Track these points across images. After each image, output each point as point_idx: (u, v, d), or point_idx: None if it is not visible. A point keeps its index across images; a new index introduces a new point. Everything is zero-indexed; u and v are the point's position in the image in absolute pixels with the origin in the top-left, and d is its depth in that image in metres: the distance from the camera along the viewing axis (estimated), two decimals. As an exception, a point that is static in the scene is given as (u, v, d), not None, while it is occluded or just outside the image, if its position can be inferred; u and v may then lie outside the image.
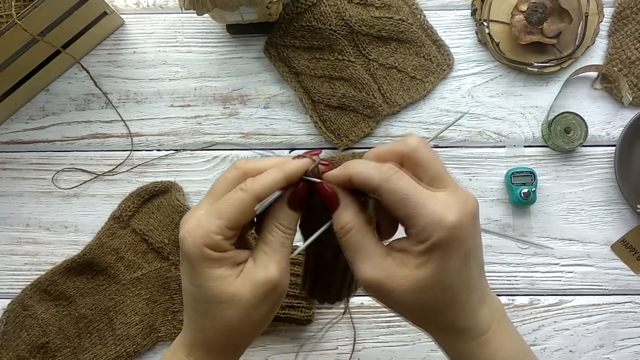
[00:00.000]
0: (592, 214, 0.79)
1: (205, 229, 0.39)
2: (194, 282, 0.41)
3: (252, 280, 0.40)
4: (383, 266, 0.39)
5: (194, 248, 0.39)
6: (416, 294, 0.38)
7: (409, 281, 0.38)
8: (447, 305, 0.40)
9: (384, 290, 0.39)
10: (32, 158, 0.82)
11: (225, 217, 0.39)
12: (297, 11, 0.79)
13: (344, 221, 0.40)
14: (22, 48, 0.74)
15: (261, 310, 0.41)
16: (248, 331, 0.43)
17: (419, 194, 0.37)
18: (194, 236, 0.39)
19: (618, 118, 0.80)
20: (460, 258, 0.38)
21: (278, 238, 0.42)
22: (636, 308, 0.77)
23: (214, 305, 0.41)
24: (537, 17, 0.78)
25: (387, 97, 0.81)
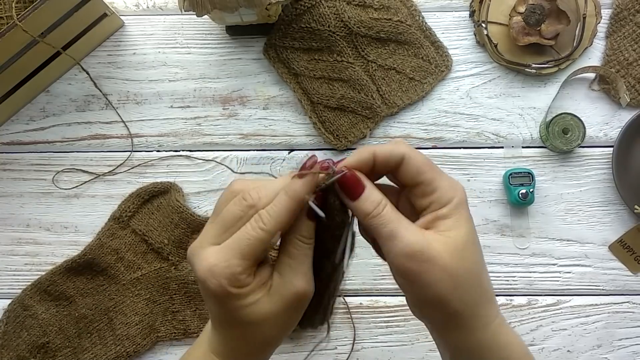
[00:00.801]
0: (590, 215, 0.79)
1: (229, 270, 0.39)
2: (225, 313, 0.42)
3: (283, 296, 0.41)
4: (421, 236, 0.40)
5: (221, 289, 0.40)
6: (456, 255, 0.40)
7: (450, 244, 0.40)
8: (482, 269, 0.42)
9: (426, 258, 0.39)
10: (32, 159, 0.83)
11: (248, 257, 0.40)
12: (296, 13, 0.80)
13: (377, 199, 0.41)
14: (23, 49, 0.75)
15: (293, 319, 0.43)
16: (281, 338, 0.44)
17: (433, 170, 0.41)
18: (218, 277, 0.39)
19: (616, 119, 0.80)
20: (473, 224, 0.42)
21: (302, 250, 0.42)
22: (634, 308, 0.77)
23: (251, 327, 0.42)
24: (535, 19, 0.78)
25: (386, 98, 0.81)
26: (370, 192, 0.41)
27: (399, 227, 0.40)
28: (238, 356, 0.44)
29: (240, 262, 0.40)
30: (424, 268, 0.39)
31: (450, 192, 0.41)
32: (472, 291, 0.41)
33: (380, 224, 0.40)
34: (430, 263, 0.39)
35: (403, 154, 0.41)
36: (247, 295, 0.41)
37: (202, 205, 0.81)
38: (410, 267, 0.39)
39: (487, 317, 0.42)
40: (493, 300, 0.43)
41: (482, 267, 0.42)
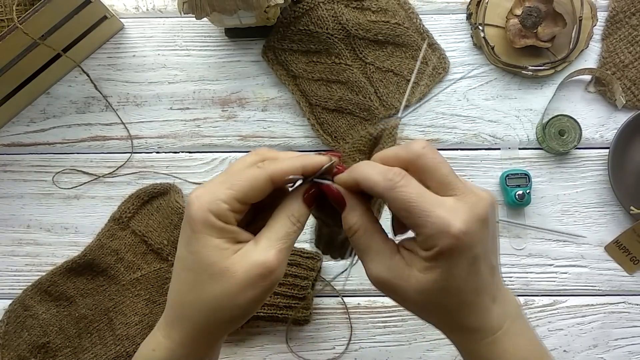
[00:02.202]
0: (586, 216, 0.80)
1: (214, 195, 0.39)
2: (190, 249, 0.40)
3: (249, 260, 0.39)
4: (391, 265, 0.40)
5: (199, 211, 0.39)
6: (423, 295, 0.39)
7: (416, 282, 0.39)
8: (455, 307, 0.40)
9: (391, 289, 0.40)
10: (33, 160, 0.83)
11: (235, 189, 0.39)
12: (294, 15, 0.80)
13: (351, 222, 0.41)
14: (23, 52, 0.75)
15: (249, 294, 0.40)
16: (229, 315, 0.41)
17: (425, 202, 0.37)
18: (201, 200, 0.39)
19: (611, 121, 0.81)
20: (469, 263, 0.38)
21: (285, 227, 0.41)
22: (629, 308, 0.78)
23: (204, 276, 0.40)
24: (532, 21, 0.79)
25: (384, 100, 0.82)
26: (346, 214, 0.41)
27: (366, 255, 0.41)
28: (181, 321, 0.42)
29: (226, 191, 0.39)
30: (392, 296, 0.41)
31: (433, 240, 0.37)
32: (452, 318, 0.41)
33: (355, 244, 0.41)
34: (397, 295, 0.40)
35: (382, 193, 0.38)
36: (219, 233, 0.39)
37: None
38: (381, 287, 0.41)
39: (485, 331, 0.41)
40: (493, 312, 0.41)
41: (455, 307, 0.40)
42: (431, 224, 0.36)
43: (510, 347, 0.42)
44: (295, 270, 0.76)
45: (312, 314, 0.78)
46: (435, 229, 0.36)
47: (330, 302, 0.79)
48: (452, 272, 0.38)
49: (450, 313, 0.40)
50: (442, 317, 0.41)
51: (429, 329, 0.78)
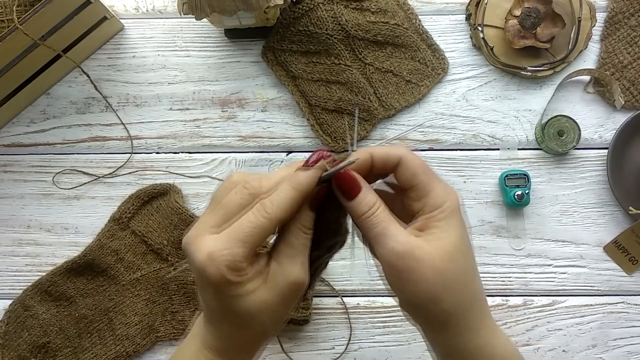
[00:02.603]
0: (585, 216, 0.80)
1: (230, 257, 0.39)
2: (222, 304, 0.41)
3: (280, 285, 0.41)
4: (411, 238, 0.41)
5: (220, 276, 0.39)
6: (445, 261, 0.40)
7: (440, 247, 0.40)
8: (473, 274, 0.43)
9: (415, 258, 0.40)
10: (33, 161, 0.83)
11: (249, 245, 0.39)
12: (294, 16, 0.81)
13: (371, 201, 0.42)
14: (24, 52, 0.75)
15: (288, 308, 0.42)
16: (276, 328, 0.44)
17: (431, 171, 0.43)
18: (217, 264, 0.39)
19: (610, 121, 0.81)
20: (465, 229, 0.42)
21: (302, 240, 0.42)
22: (628, 308, 0.78)
23: (247, 318, 0.41)
24: (531, 22, 0.79)
25: (383, 100, 0.82)
26: (365, 194, 0.42)
27: (390, 227, 0.41)
28: (233, 349, 0.44)
29: (241, 250, 0.39)
30: (413, 267, 0.40)
31: (443, 197, 0.42)
32: (462, 293, 0.42)
33: (373, 224, 0.41)
34: (420, 262, 0.40)
35: (400, 156, 0.42)
36: (246, 283, 0.40)
37: (201, 206, 0.82)
38: (401, 264, 0.40)
39: (478, 322, 0.43)
40: (485, 308, 0.44)
41: (473, 272, 0.43)
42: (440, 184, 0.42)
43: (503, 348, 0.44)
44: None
45: (312, 314, 0.78)
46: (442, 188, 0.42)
47: (330, 302, 0.79)
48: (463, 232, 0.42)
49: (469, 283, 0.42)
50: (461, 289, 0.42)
51: (428, 329, 0.78)
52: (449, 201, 0.42)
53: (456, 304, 0.42)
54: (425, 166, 0.43)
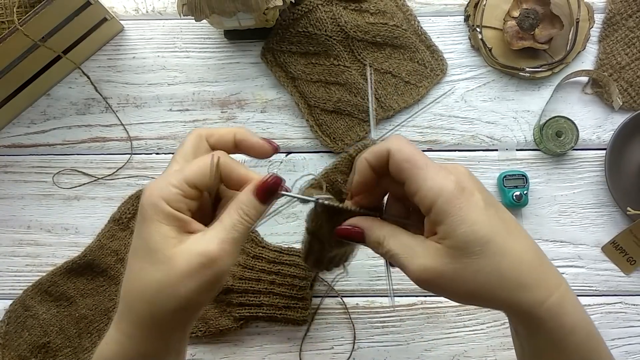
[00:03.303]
0: (583, 217, 0.80)
1: (165, 183, 0.40)
2: (139, 235, 0.41)
3: (190, 250, 0.40)
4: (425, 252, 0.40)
5: (150, 197, 0.40)
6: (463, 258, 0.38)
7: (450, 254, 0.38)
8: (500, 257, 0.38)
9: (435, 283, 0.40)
10: (33, 161, 0.84)
11: (186, 175, 0.41)
12: (293, 17, 0.81)
13: (377, 238, 0.42)
14: (24, 53, 0.76)
15: (189, 285, 0.39)
16: (172, 305, 0.40)
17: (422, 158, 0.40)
18: (152, 187, 0.41)
19: (608, 122, 0.81)
20: (481, 206, 0.38)
21: (233, 219, 0.41)
22: (626, 309, 0.78)
23: (149, 264, 0.40)
24: (529, 23, 0.79)
25: (382, 101, 0.82)
26: (369, 236, 0.42)
27: (402, 257, 0.41)
28: (127, 311, 0.42)
29: (177, 178, 0.40)
30: (437, 287, 0.40)
31: (432, 193, 0.38)
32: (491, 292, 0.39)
33: (389, 258, 0.42)
34: (439, 279, 0.39)
35: (388, 149, 0.41)
36: (168, 220, 0.40)
37: (201, 207, 0.82)
38: (427, 288, 0.41)
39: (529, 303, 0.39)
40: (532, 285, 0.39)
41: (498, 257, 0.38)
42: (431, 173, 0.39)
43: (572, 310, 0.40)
44: (294, 270, 0.76)
45: (311, 314, 0.78)
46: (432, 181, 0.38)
47: (329, 302, 0.79)
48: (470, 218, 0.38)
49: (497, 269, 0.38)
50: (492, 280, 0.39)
51: (427, 329, 0.78)
52: (440, 197, 0.38)
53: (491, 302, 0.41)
54: (412, 157, 0.39)
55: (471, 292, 0.40)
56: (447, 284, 0.40)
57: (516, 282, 0.39)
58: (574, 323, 0.40)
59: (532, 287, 0.39)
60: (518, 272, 0.39)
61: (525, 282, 0.39)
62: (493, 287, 0.39)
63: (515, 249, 0.39)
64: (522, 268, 0.39)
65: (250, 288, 0.76)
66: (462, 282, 0.39)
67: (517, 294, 0.39)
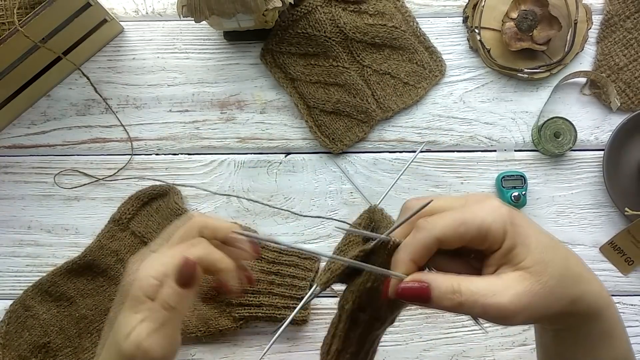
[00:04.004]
0: (581, 217, 0.81)
1: (154, 279, 0.46)
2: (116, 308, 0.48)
3: (132, 342, 0.45)
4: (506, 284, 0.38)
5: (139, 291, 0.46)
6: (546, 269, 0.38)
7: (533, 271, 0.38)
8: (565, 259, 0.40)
9: (532, 301, 0.38)
10: (33, 162, 0.84)
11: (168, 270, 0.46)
12: (292, 18, 0.81)
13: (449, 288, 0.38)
14: (24, 54, 0.76)
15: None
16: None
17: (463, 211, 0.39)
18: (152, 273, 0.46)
19: (606, 123, 0.82)
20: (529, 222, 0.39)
21: (161, 316, 0.46)
22: (624, 309, 0.79)
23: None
24: (527, 25, 0.80)
25: (381, 102, 0.82)
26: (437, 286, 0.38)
27: (491, 297, 0.37)
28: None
29: (170, 274, 0.46)
30: (533, 309, 0.38)
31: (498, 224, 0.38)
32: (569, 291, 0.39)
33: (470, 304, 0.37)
34: (535, 303, 0.38)
35: (435, 237, 0.38)
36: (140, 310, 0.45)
37: (200, 207, 0.82)
38: (522, 315, 0.38)
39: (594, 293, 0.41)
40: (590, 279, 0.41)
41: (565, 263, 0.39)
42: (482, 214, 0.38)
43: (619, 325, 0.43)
44: (293, 270, 0.77)
45: (310, 314, 0.78)
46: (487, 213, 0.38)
47: (328, 302, 0.80)
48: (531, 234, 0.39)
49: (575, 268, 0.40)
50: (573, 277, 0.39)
51: (425, 329, 0.79)
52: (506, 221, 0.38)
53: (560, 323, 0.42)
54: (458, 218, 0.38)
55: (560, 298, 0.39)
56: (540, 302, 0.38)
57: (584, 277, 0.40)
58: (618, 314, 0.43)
59: (591, 280, 0.41)
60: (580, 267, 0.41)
61: (587, 276, 0.41)
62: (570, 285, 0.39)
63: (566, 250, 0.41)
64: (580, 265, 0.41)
65: (250, 288, 0.76)
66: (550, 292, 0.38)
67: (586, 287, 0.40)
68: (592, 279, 0.41)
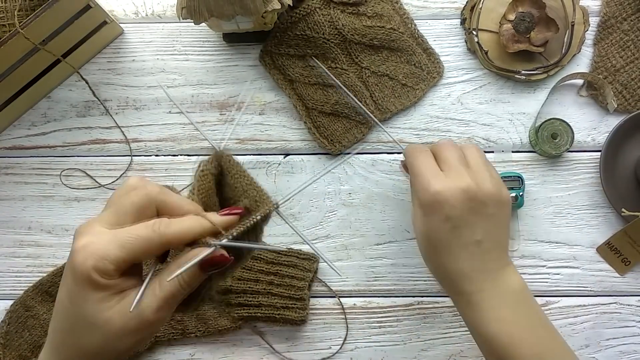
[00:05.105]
0: (578, 218, 0.81)
1: (101, 252, 0.38)
2: (71, 296, 0.40)
3: (126, 312, 0.39)
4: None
5: (83, 266, 0.38)
6: (421, 235, 0.58)
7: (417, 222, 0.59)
8: (437, 254, 0.56)
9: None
10: (34, 163, 0.84)
11: (126, 251, 0.39)
12: (291, 20, 0.82)
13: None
14: (24, 56, 0.76)
15: (126, 342, 0.40)
16: (108, 358, 0.42)
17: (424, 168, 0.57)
18: (86, 254, 0.38)
19: (603, 124, 0.82)
20: (441, 220, 0.54)
21: (173, 288, 0.41)
22: (621, 309, 0.79)
23: (84, 326, 0.40)
24: (525, 26, 0.80)
25: (379, 103, 0.83)
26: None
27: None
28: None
29: (116, 252, 0.38)
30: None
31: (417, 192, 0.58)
32: (439, 264, 0.59)
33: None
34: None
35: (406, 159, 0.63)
36: (102, 289, 0.39)
37: (200, 208, 0.83)
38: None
39: (463, 289, 0.56)
40: (472, 277, 0.55)
41: (442, 250, 0.57)
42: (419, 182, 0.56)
43: (490, 311, 0.54)
44: (292, 271, 0.77)
45: (309, 314, 0.79)
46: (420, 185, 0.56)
47: (327, 302, 0.80)
48: (428, 222, 0.56)
49: (437, 256, 0.57)
50: (435, 260, 0.58)
51: (423, 329, 0.79)
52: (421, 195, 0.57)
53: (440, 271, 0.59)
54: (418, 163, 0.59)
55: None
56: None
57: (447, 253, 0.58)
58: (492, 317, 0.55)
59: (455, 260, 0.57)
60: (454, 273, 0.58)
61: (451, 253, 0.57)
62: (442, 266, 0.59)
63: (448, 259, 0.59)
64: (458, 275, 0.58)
65: (249, 289, 0.77)
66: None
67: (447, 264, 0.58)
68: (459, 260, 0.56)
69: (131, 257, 0.39)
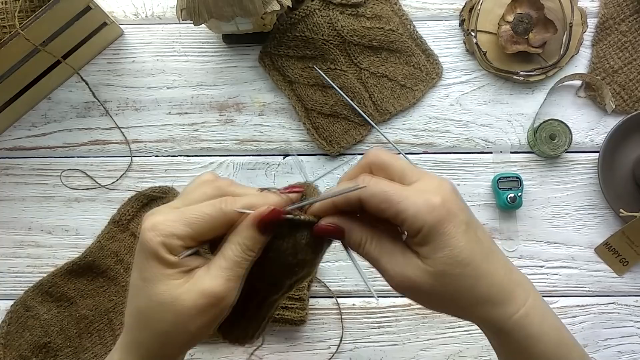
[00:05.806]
0: (577, 218, 0.81)
1: (168, 230, 0.39)
2: (143, 275, 0.40)
3: (197, 290, 0.40)
4: (404, 261, 0.41)
5: (152, 243, 0.39)
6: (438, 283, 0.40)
7: (430, 272, 0.40)
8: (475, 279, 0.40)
9: (410, 286, 0.40)
10: (34, 164, 0.85)
11: (193, 227, 0.40)
12: (290, 22, 0.82)
13: (357, 239, 0.42)
14: (25, 57, 0.77)
15: (198, 321, 0.40)
16: (181, 340, 0.42)
17: (398, 190, 0.40)
18: (155, 232, 0.39)
19: (601, 125, 0.82)
20: (463, 230, 0.40)
21: (236, 255, 0.41)
22: (619, 309, 0.79)
23: (155, 305, 0.40)
24: (523, 28, 0.81)
25: (378, 105, 0.83)
26: (349, 235, 0.42)
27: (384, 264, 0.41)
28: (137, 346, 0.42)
29: (183, 228, 0.39)
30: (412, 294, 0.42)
31: (418, 221, 0.39)
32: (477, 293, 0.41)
33: (369, 259, 0.42)
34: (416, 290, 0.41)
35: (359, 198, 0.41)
36: (171, 266, 0.40)
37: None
38: (403, 293, 0.42)
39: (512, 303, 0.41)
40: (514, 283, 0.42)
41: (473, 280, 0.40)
42: (412, 203, 0.39)
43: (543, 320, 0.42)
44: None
45: (308, 315, 0.79)
46: (415, 208, 0.38)
47: (326, 302, 0.80)
48: (452, 244, 0.39)
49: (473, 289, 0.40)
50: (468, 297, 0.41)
51: (422, 329, 0.79)
52: (425, 225, 0.39)
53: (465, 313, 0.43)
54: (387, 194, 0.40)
55: (446, 306, 0.43)
56: (424, 296, 0.42)
57: (489, 301, 0.41)
58: (542, 332, 0.42)
59: (503, 303, 0.41)
60: (490, 292, 0.41)
61: (496, 299, 0.41)
62: (467, 304, 0.41)
63: (489, 271, 0.41)
64: (493, 289, 0.41)
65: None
66: (440, 297, 0.41)
67: (489, 310, 0.41)
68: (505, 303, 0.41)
69: (198, 234, 0.40)
